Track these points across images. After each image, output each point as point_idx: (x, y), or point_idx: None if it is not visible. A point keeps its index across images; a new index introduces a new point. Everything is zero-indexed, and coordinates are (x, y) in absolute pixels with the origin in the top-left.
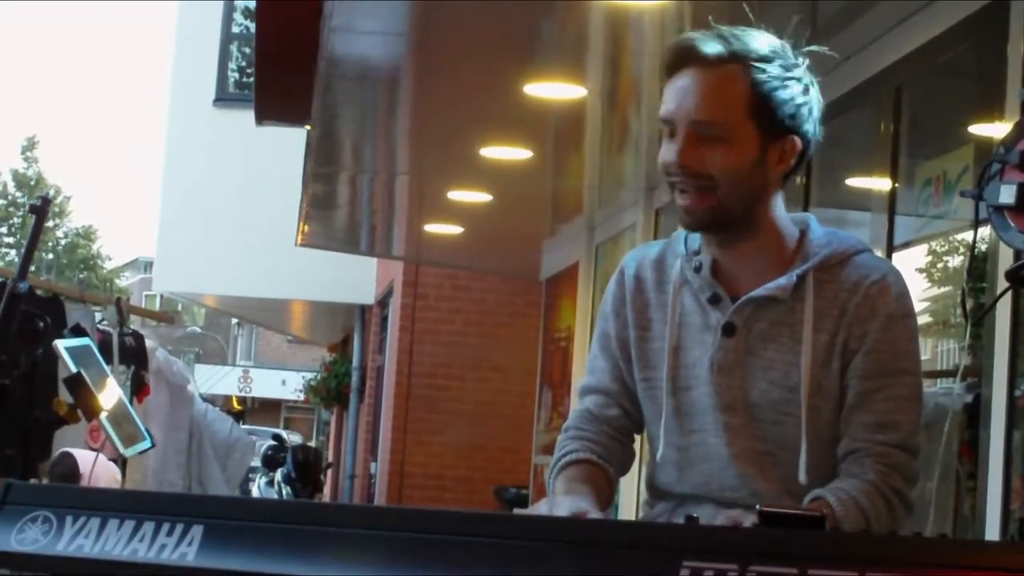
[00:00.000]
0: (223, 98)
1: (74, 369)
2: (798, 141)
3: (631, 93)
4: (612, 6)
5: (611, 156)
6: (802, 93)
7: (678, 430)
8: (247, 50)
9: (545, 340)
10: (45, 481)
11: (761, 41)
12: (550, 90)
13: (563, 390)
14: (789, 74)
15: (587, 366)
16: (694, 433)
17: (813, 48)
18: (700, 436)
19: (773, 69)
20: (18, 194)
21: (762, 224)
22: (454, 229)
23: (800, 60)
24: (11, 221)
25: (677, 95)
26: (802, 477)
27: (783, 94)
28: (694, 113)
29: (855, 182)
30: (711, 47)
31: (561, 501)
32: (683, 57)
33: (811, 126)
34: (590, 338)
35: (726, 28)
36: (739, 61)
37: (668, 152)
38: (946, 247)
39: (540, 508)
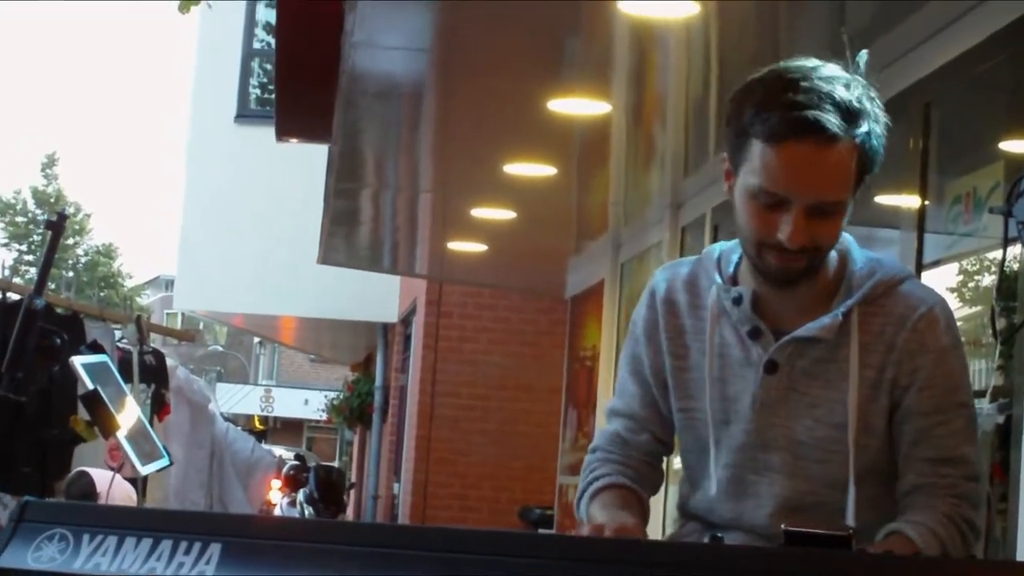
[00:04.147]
0: (244, 114)
1: (91, 386)
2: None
3: (656, 109)
4: (637, 20)
5: (636, 173)
6: (883, 140)
7: (717, 463)
8: (268, 66)
9: (570, 359)
10: (61, 500)
11: (869, 103)
12: (574, 106)
13: (588, 409)
14: (881, 128)
15: (617, 388)
16: (729, 468)
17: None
18: (736, 472)
19: (877, 129)
20: (38, 211)
21: None
22: (478, 247)
23: (873, 88)
24: (31, 238)
25: (793, 172)
26: (850, 519)
27: (877, 152)
28: (819, 195)
29: (883, 199)
30: (833, 123)
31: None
32: (802, 129)
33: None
34: (616, 357)
35: (835, 86)
36: (853, 132)
37: (766, 221)
38: (977, 265)
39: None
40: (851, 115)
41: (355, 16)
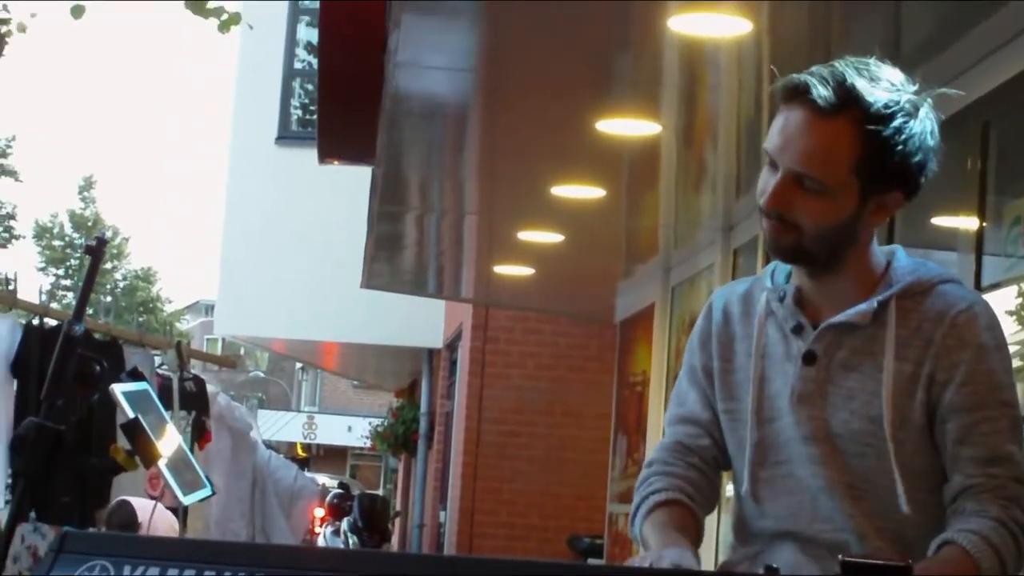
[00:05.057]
0: (285, 136)
1: (131, 414)
2: (902, 195)
3: (707, 129)
4: (688, 39)
5: (687, 194)
6: (917, 149)
7: (764, 463)
8: (310, 87)
9: (620, 385)
10: (102, 530)
11: (880, 91)
12: (624, 127)
13: (639, 436)
14: (907, 131)
15: (674, 398)
16: (780, 465)
17: (944, 91)
18: (788, 468)
19: (889, 127)
20: (75, 235)
21: (851, 258)
22: (525, 270)
23: (923, 103)
24: (68, 263)
25: (783, 135)
26: (904, 507)
27: (895, 153)
28: (796, 163)
29: (941, 220)
30: (824, 96)
31: (665, 558)
32: (796, 94)
33: (922, 178)
34: (666, 382)
35: (849, 70)
36: (853, 115)
37: (765, 185)
38: None
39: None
40: (849, 95)
41: (399, 36)
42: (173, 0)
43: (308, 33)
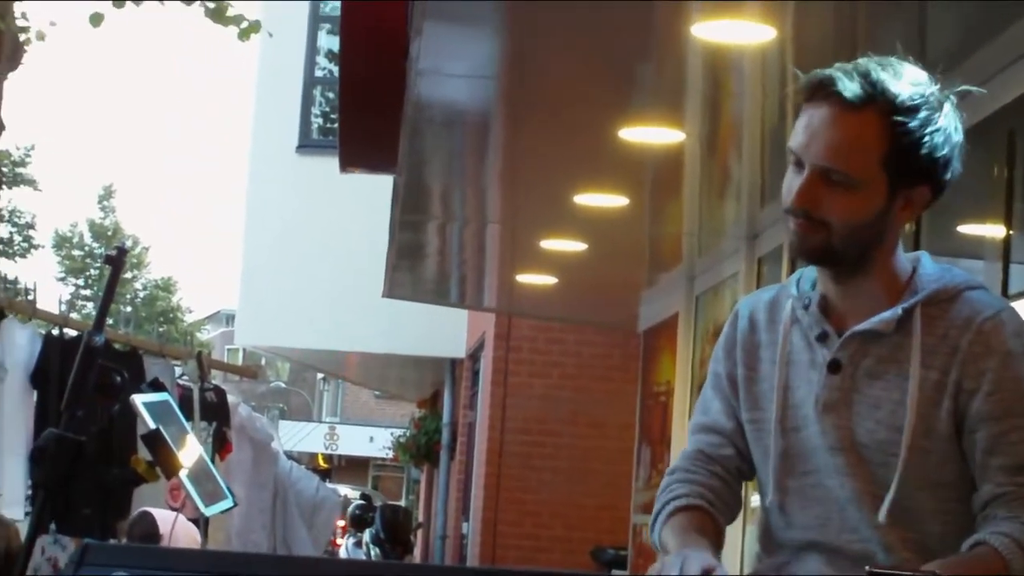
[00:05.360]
0: (306, 144)
1: (152, 425)
2: (929, 191)
3: (731, 137)
4: (711, 46)
5: (711, 203)
6: (944, 143)
7: (790, 472)
8: (331, 95)
9: (644, 394)
10: (123, 541)
11: (905, 84)
12: (647, 134)
13: (663, 446)
14: (933, 124)
15: (698, 406)
16: (808, 475)
17: (967, 88)
18: (815, 477)
19: (916, 119)
20: (95, 245)
21: (877, 262)
22: (548, 279)
23: (946, 99)
24: (88, 273)
25: (808, 131)
26: (882, 517)
27: (923, 146)
28: (822, 157)
29: (967, 229)
30: (851, 88)
31: (691, 557)
32: (820, 90)
33: (948, 174)
34: (691, 392)
35: (872, 65)
36: (879, 107)
37: (791, 185)
38: None
39: (669, 566)
40: (875, 88)
41: (420, 43)
42: (194, 1)
43: (329, 41)
